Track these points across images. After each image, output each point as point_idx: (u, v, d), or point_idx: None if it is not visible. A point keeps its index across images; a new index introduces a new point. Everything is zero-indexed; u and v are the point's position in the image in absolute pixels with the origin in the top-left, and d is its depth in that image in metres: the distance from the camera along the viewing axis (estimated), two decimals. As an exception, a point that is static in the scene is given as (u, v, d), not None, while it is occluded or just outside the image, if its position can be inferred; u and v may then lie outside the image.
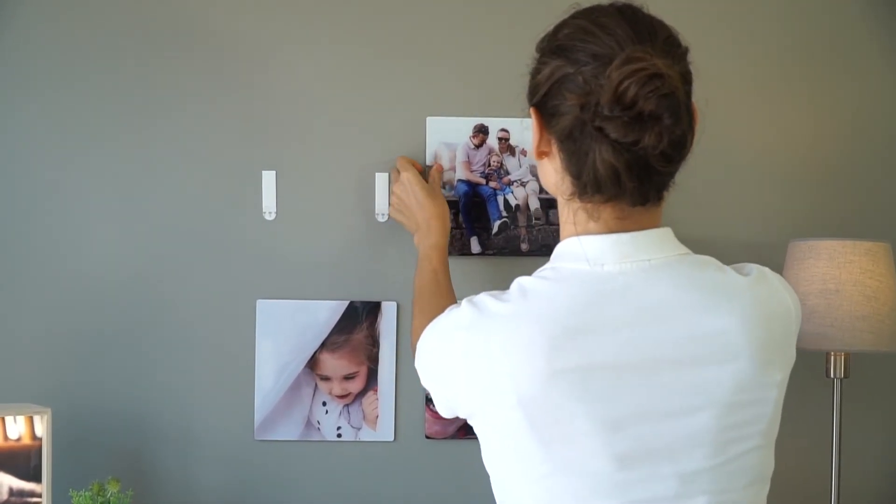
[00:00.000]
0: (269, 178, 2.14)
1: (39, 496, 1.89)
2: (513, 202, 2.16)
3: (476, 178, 2.15)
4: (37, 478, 1.89)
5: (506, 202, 2.16)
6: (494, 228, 2.16)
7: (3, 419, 1.88)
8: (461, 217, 2.14)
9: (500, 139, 2.15)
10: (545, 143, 1.34)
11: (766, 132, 2.22)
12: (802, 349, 1.59)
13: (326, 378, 2.13)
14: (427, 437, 2.16)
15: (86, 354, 2.12)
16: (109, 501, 1.96)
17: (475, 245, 2.15)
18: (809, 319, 2.01)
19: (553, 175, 1.35)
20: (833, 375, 2.08)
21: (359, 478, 2.15)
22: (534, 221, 2.16)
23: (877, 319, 2.00)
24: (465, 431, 2.14)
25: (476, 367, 1.28)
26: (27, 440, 1.89)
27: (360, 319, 2.13)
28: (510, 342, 1.26)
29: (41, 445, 1.90)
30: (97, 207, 2.12)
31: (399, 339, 2.14)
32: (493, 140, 2.15)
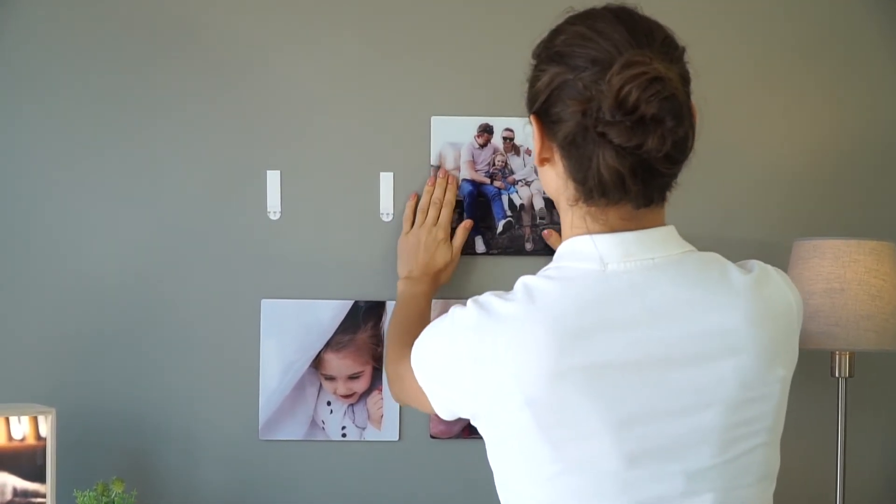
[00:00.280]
0: (274, 178, 2.14)
1: (44, 496, 1.89)
2: (517, 202, 2.15)
3: (480, 178, 2.15)
4: (41, 478, 1.89)
5: (510, 201, 2.16)
6: (499, 228, 2.16)
7: (8, 419, 1.87)
8: (465, 216, 2.14)
9: (505, 139, 2.15)
10: (547, 150, 1.34)
11: (772, 131, 2.22)
12: (807, 348, 1.59)
13: (331, 378, 2.13)
14: (432, 437, 2.16)
15: (90, 354, 2.12)
16: (114, 501, 1.96)
17: (479, 244, 2.15)
18: (814, 318, 2.00)
19: (555, 180, 1.35)
20: (838, 375, 2.08)
21: (363, 478, 2.15)
22: (538, 221, 2.16)
23: (881, 318, 2.00)
24: (470, 431, 2.14)
25: (483, 368, 1.28)
26: (31, 440, 1.89)
27: (365, 319, 2.13)
28: (517, 342, 1.26)
29: (45, 445, 1.90)
30: (102, 207, 2.12)
31: (403, 339, 2.14)
32: (498, 139, 2.15)
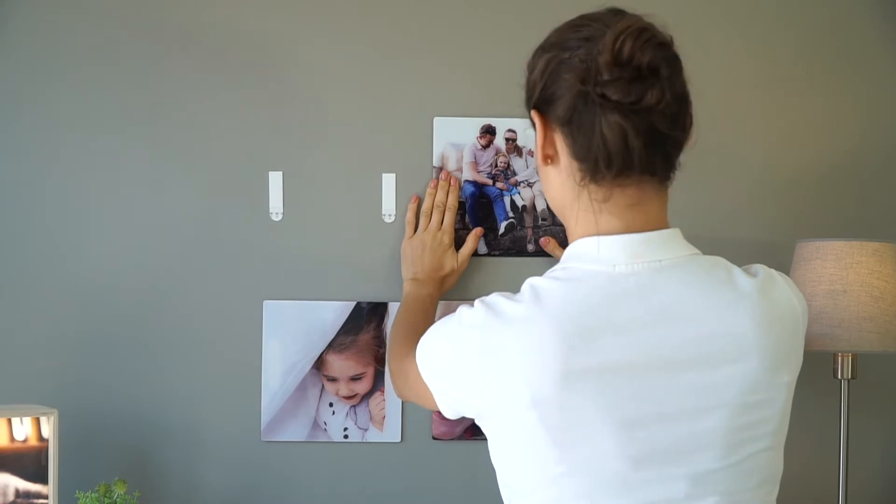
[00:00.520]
0: (276, 179, 2.14)
1: (46, 497, 1.89)
2: (519, 203, 2.15)
3: (483, 179, 2.15)
4: (43, 479, 1.89)
5: (512, 203, 2.15)
6: (501, 229, 2.16)
7: (10, 420, 1.87)
8: (468, 218, 2.14)
9: (508, 140, 2.15)
10: (549, 145, 1.35)
11: (774, 132, 2.22)
12: (809, 350, 1.59)
13: (333, 379, 2.13)
14: (434, 438, 2.16)
15: (93, 355, 2.12)
16: (116, 503, 1.96)
17: (482, 246, 2.15)
18: (816, 320, 2.00)
19: (557, 179, 1.35)
20: (840, 376, 2.08)
21: (365, 479, 2.15)
22: (540, 222, 2.16)
23: (884, 320, 2.00)
24: (472, 432, 2.14)
25: (490, 368, 1.28)
26: (34, 441, 1.89)
27: (367, 320, 2.13)
28: (524, 343, 1.26)
29: (48, 447, 1.89)
30: (104, 208, 2.12)
31: (406, 340, 2.14)
32: (501, 140, 2.15)
